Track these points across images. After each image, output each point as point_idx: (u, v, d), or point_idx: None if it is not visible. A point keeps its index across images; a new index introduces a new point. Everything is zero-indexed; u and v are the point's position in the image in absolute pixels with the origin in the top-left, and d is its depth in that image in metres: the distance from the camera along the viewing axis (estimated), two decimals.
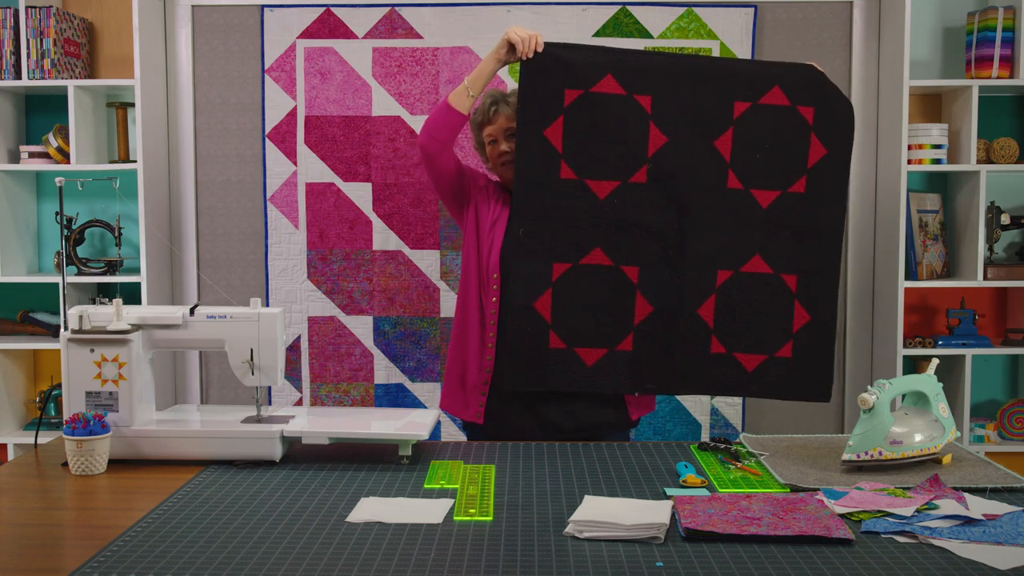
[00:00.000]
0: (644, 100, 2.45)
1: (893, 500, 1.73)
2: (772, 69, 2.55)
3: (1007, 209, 3.65)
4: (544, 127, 2.47)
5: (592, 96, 2.44)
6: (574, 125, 2.46)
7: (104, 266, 3.53)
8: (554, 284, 2.47)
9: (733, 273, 2.50)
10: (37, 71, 3.41)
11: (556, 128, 2.46)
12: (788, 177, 2.52)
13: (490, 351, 2.52)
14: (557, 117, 2.46)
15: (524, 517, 1.70)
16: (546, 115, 2.46)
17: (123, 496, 1.86)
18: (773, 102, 2.49)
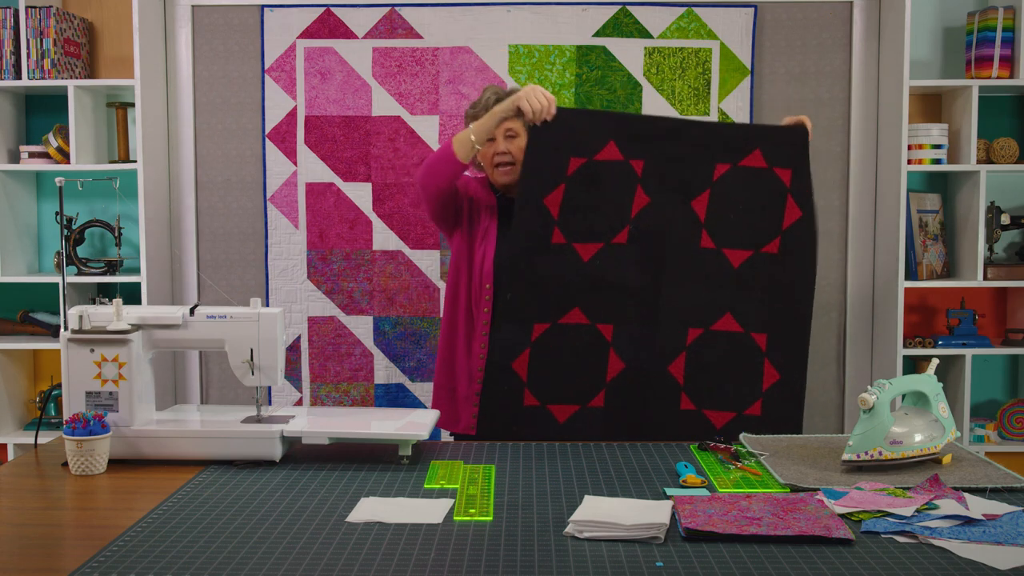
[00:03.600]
0: (637, 164, 2.47)
1: (893, 500, 1.73)
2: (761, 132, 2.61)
3: (1007, 209, 3.65)
4: (545, 195, 2.48)
5: (594, 164, 2.47)
6: (573, 192, 2.47)
7: (104, 266, 3.53)
8: (532, 344, 2.48)
9: (704, 331, 2.51)
10: (37, 71, 3.41)
11: (556, 196, 2.48)
12: (762, 237, 2.53)
13: (480, 361, 2.52)
14: (559, 185, 2.47)
15: (524, 517, 1.70)
16: (549, 183, 2.48)
17: (123, 496, 1.86)
18: (752, 164, 2.52)
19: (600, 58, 3.59)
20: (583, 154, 2.46)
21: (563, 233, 2.48)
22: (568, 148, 2.47)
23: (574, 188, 2.47)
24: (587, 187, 2.47)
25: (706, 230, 2.52)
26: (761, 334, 2.52)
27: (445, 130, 3.60)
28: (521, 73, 3.59)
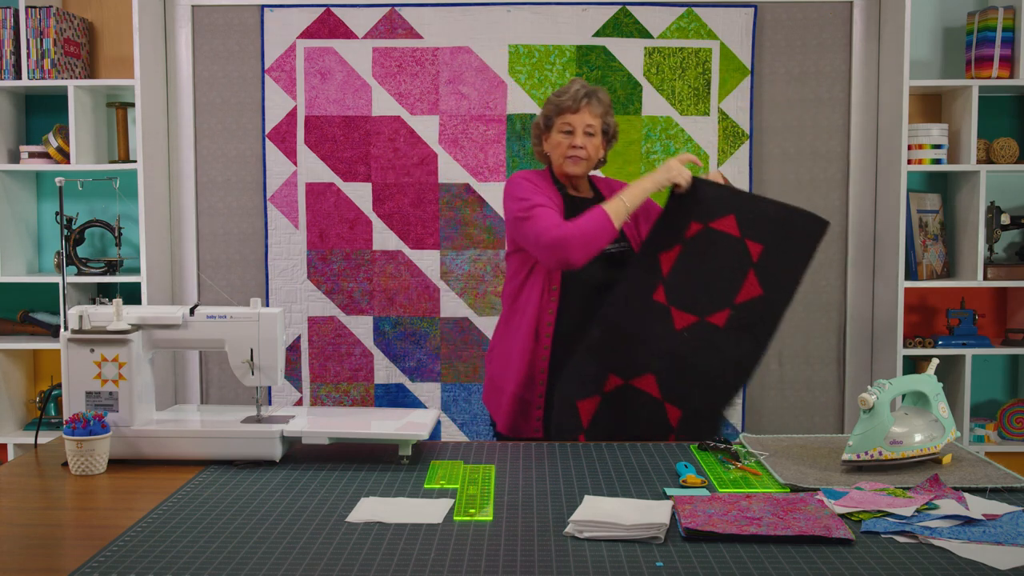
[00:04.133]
0: (754, 247, 2.40)
1: (893, 500, 1.73)
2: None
3: (1007, 209, 3.65)
4: (662, 251, 2.45)
5: (710, 231, 2.42)
6: (686, 255, 2.43)
7: (104, 266, 3.53)
8: (604, 395, 2.43)
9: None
10: (37, 71, 3.41)
11: (671, 254, 2.44)
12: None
13: (543, 363, 2.50)
14: (676, 245, 2.44)
15: (524, 517, 1.70)
16: (669, 240, 2.46)
17: (123, 496, 1.86)
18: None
19: (600, 58, 3.59)
20: (702, 220, 2.43)
21: (666, 293, 2.42)
22: (691, 214, 2.45)
23: (688, 251, 2.43)
24: (700, 253, 2.41)
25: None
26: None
27: (445, 130, 3.60)
28: (521, 73, 3.59)
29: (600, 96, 2.58)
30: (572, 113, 2.55)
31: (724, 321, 2.38)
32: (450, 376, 3.67)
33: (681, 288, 2.41)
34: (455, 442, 2.24)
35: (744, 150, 3.62)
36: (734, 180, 3.62)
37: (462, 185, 3.62)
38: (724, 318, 2.38)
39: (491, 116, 3.61)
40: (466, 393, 3.68)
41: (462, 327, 3.65)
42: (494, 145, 3.61)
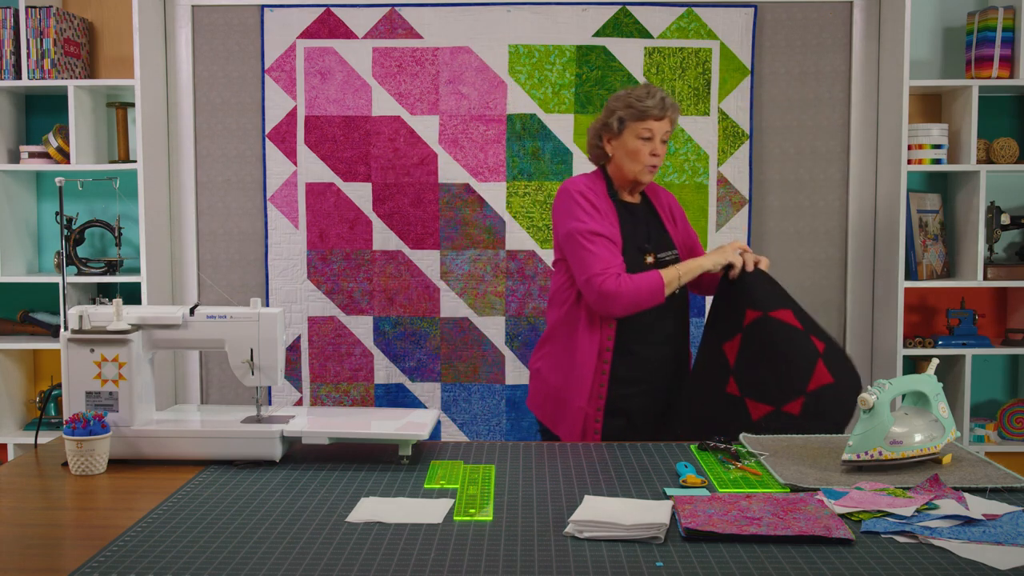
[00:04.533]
0: (818, 343, 2.41)
1: (893, 500, 1.73)
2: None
3: (1007, 209, 3.64)
4: (724, 340, 2.48)
5: (769, 320, 2.42)
6: (748, 343, 2.44)
7: (104, 266, 3.53)
8: None
9: None
10: (37, 71, 3.41)
11: (734, 344, 2.46)
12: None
13: (604, 377, 2.51)
14: (736, 334, 2.45)
15: (524, 517, 1.70)
16: (728, 330, 2.47)
17: (123, 496, 1.86)
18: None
19: (600, 58, 3.59)
20: (758, 308, 2.44)
21: (738, 385, 2.44)
22: (746, 301, 2.46)
23: (749, 339, 2.43)
24: (763, 342, 2.41)
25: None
26: None
27: (445, 130, 3.60)
28: (521, 73, 3.59)
29: (677, 106, 2.58)
30: (656, 120, 2.51)
31: (799, 409, 2.36)
32: (450, 376, 3.67)
33: (751, 378, 2.42)
34: (455, 442, 2.24)
35: (744, 150, 3.62)
36: (734, 180, 3.62)
37: (462, 185, 3.62)
38: (799, 406, 2.36)
39: (491, 116, 3.61)
40: (466, 393, 3.68)
41: (462, 327, 3.65)
42: (494, 145, 3.61)
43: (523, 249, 3.63)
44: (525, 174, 3.62)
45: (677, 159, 3.60)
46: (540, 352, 2.67)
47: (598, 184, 2.59)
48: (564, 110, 3.60)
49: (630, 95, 2.54)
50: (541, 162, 3.61)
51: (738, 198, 3.63)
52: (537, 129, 3.60)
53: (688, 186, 3.59)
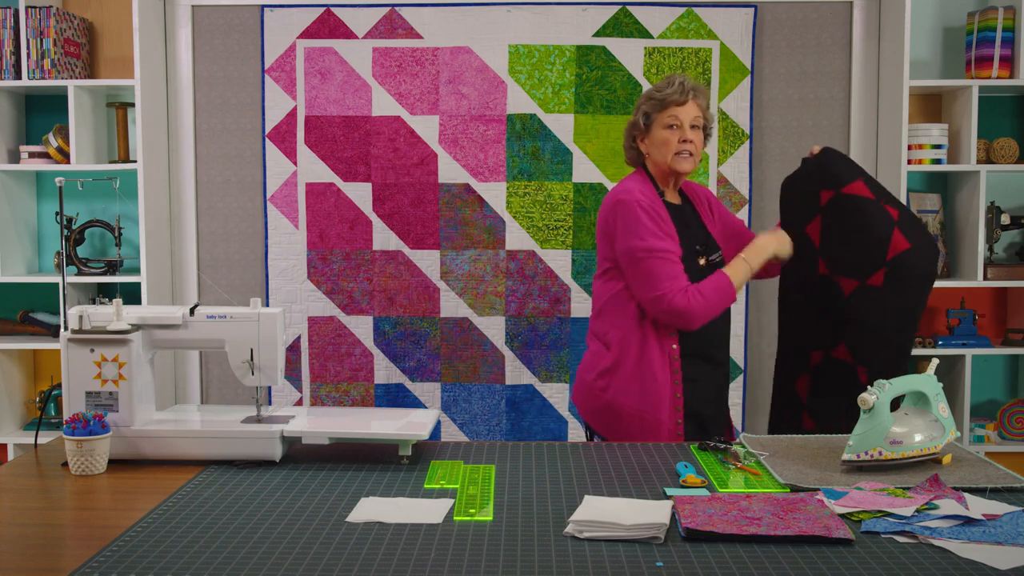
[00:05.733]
0: (892, 211, 2.46)
1: (893, 500, 1.73)
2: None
3: (1007, 209, 3.64)
4: (805, 224, 2.55)
5: (843, 196, 2.48)
6: (829, 222, 2.51)
7: (104, 266, 3.53)
8: (811, 370, 2.57)
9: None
10: (37, 71, 3.41)
11: (815, 226, 2.53)
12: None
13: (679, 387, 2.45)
14: (815, 216, 2.53)
15: (524, 517, 1.70)
16: (807, 214, 2.54)
17: (123, 496, 1.86)
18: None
19: (600, 58, 3.59)
20: (831, 186, 2.50)
21: (826, 264, 2.52)
22: (818, 182, 2.53)
23: (829, 218, 2.51)
24: (842, 218, 2.48)
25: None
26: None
27: (445, 130, 3.60)
28: (521, 73, 3.59)
29: (703, 89, 2.51)
30: (679, 106, 2.45)
31: (882, 279, 2.43)
32: (450, 376, 3.67)
33: (837, 256, 2.50)
34: (455, 442, 2.24)
35: (744, 150, 3.62)
36: (734, 180, 3.62)
37: (462, 185, 3.62)
38: (882, 276, 2.43)
39: (491, 116, 3.61)
40: (466, 393, 3.68)
41: (462, 327, 3.65)
42: (494, 145, 3.61)
43: (523, 249, 3.63)
44: (525, 174, 3.62)
45: None
46: (605, 382, 2.50)
47: (648, 188, 2.50)
48: (564, 110, 3.60)
49: (651, 88, 2.54)
50: (541, 162, 3.61)
51: (738, 198, 3.63)
52: (537, 129, 3.60)
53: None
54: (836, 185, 2.49)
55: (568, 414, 3.67)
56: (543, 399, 3.67)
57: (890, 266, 2.42)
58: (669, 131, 2.47)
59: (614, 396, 2.47)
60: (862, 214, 2.45)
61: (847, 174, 2.51)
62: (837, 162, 2.54)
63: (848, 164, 2.55)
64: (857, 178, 2.50)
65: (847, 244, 2.48)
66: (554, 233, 3.63)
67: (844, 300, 2.47)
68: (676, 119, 2.46)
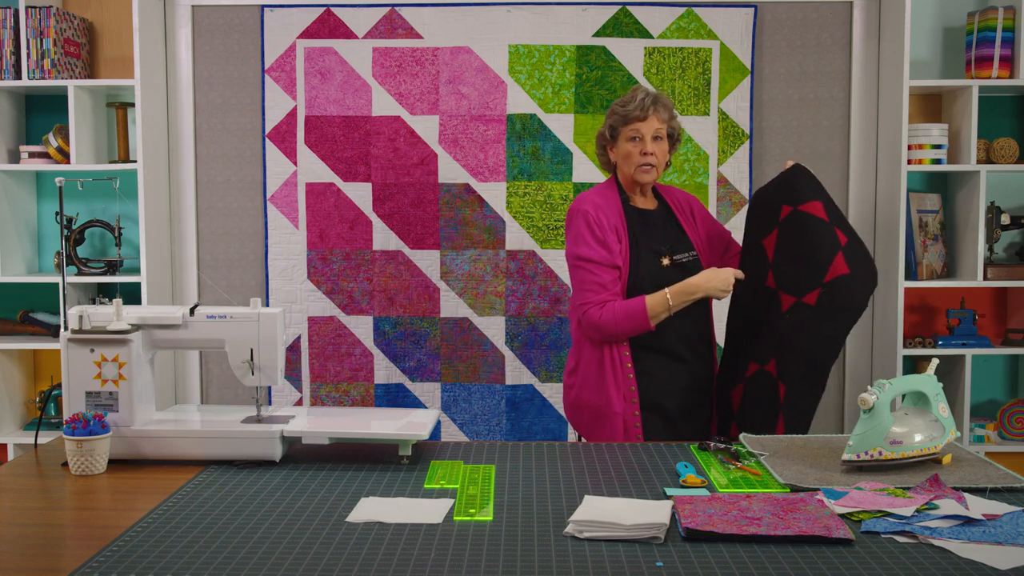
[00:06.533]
0: (841, 236, 2.47)
1: (893, 500, 1.73)
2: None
3: (1007, 209, 3.64)
4: (763, 237, 2.58)
5: (799, 213, 2.51)
6: (782, 237, 2.54)
7: (104, 266, 3.53)
8: (746, 380, 2.58)
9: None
10: (37, 71, 3.41)
11: (771, 239, 2.56)
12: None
13: (632, 381, 2.54)
14: (773, 229, 2.56)
15: (524, 517, 1.70)
16: (766, 226, 2.58)
17: (123, 496, 1.86)
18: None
19: (600, 58, 3.59)
20: (791, 203, 2.54)
21: (775, 278, 2.54)
22: (782, 196, 2.57)
23: (783, 232, 2.53)
24: (793, 234, 2.51)
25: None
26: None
27: (445, 130, 3.60)
28: (521, 73, 3.59)
29: (664, 101, 2.61)
30: (640, 121, 2.57)
31: (815, 299, 2.45)
32: (450, 376, 3.67)
33: (784, 271, 2.53)
34: (455, 442, 2.24)
35: (744, 150, 3.62)
36: (734, 180, 3.62)
37: (462, 185, 3.62)
38: (815, 297, 2.45)
39: (491, 116, 3.61)
40: (466, 393, 3.68)
41: (462, 327, 3.65)
42: (494, 145, 3.61)
43: (523, 249, 3.63)
44: (525, 174, 3.62)
45: (677, 159, 3.60)
46: (572, 380, 2.67)
47: (610, 193, 2.65)
48: (564, 110, 3.60)
49: (617, 102, 2.64)
50: (541, 162, 3.61)
51: (738, 198, 3.63)
52: (537, 129, 3.60)
53: (688, 186, 3.59)
54: (795, 202, 2.52)
55: None
56: (543, 399, 3.67)
57: (825, 288, 2.42)
58: (632, 143, 2.59)
59: (578, 393, 2.62)
60: (812, 233, 2.47)
61: (808, 193, 2.52)
62: (801, 180, 2.55)
63: (812, 184, 2.55)
64: (817, 198, 2.51)
65: (793, 260, 2.50)
66: (554, 233, 3.63)
67: (780, 315, 2.49)
68: (638, 132, 2.57)
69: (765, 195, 2.64)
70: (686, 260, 2.62)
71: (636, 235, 2.59)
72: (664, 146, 2.61)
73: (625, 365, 2.54)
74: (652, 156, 2.57)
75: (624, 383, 2.54)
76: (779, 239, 2.54)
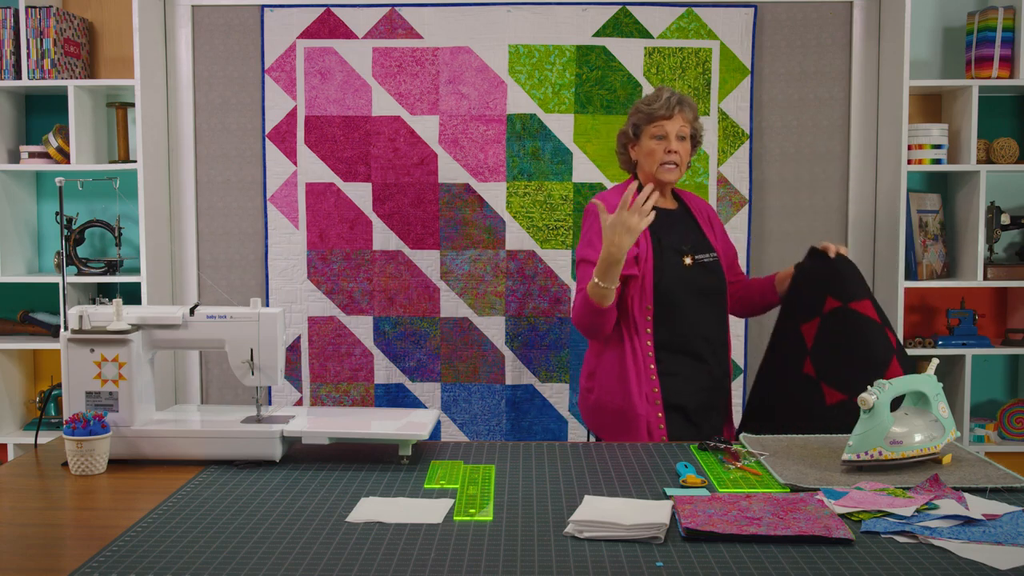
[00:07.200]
0: (892, 338, 2.44)
1: (893, 500, 1.73)
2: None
3: (1007, 209, 3.65)
4: (802, 321, 2.52)
5: (850, 311, 2.46)
6: (827, 329, 2.47)
7: (104, 266, 3.53)
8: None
9: None
10: (37, 71, 3.41)
11: (812, 327, 2.49)
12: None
13: (655, 382, 2.51)
14: (815, 318, 2.49)
15: (524, 517, 1.70)
16: (806, 312, 2.51)
17: (123, 496, 1.86)
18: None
19: (600, 58, 3.59)
20: (840, 298, 2.47)
21: (814, 366, 2.48)
22: (827, 288, 2.49)
23: (828, 326, 2.47)
24: (842, 332, 2.45)
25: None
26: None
27: (445, 130, 3.60)
28: (521, 73, 3.59)
29: (690, 102, 2.61)
30: (666, 119, 2.56)
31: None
32: (450, 376, 3.67)
33: (828, 364, 2.45)
34: (455, 442, 2.24)
35: (744, 150, 3.62)
36: (734, 180, 3.62)
37: (462, 185, 3.62)
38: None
39: (491, 116, 3.61)
40: (466, 393, 3.67)
41: (462, 327, 3.65)
42: (494, 145, 3.61)
43: (523, 249, 3.63)
44: (525, 174, 3.62)
45: None
46: (592, 383, 2.62)
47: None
48: (564, 110, 3.60)
49: (641, 100, 2.64)
50: (541, 162, 3.61)
51: (738, 198, 3.63)
52: (537, 129, 3.60)
53: (688, 186, 3.59)
54: (844, 298, 2.46)
55: (568, 414, 3.67)
56: (543, 399, 3.67)
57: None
58: (656, 142, 2.58)
59: (599, 395, 2.59)
60: (866, 334, 2.42)
61: (858, 291, 2.48)
62: (850, 274, 2.50)
63: (859, 280, 2.51)
64: (866, 296, 2.47)
65: (842, 358, 2.44)
66: (554, 233, 3.63)
67: (826, 408, 2.42)
68: (663, 130, 2.57)
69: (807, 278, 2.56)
70: (708, 260, 2.60)
71: (658, 234, 2.57)
72: (687, 146, 2.61)
73: (648, 366, 2.52)
74: (676, 155, 2.56)
75: (647, 384, 2.52)
76: (822, 330, 2.48)
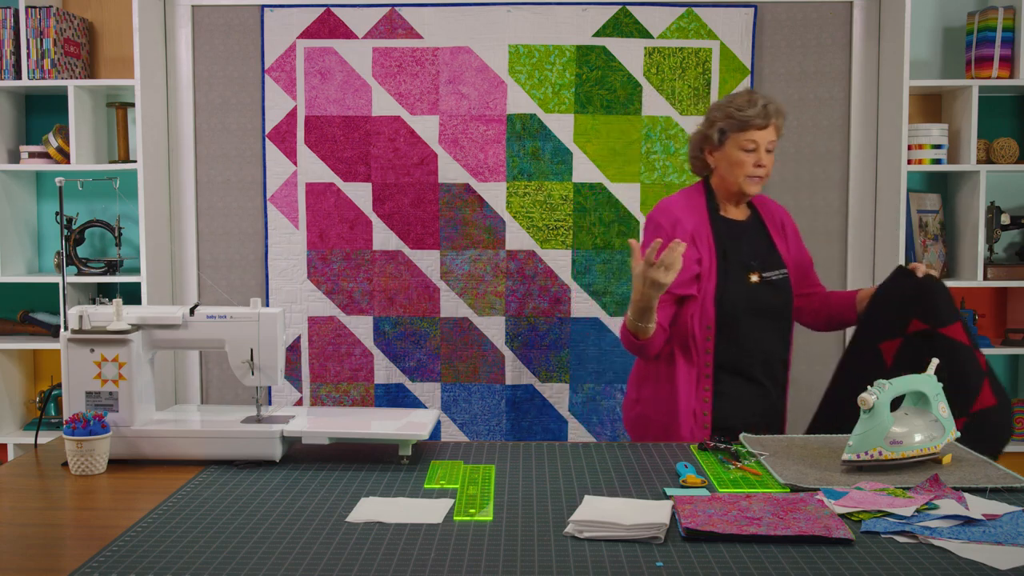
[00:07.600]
0: (982, 360, 2.36)
1: (893, 500, 1.73)
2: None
3: (1007, 209, 3.64)
4: (883, 340, 2.42)
5: (940, 336, 2.35)
6: (909, 351, 2.38)
7: (104, 266, 3.53)
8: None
9: None
10: (37, 71, 3.41)
11: (892, 346, 2.40)
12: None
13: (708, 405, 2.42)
14: (898, 338, 2.40)
15: (524, 517, 1.70)
16: (888, 332, 2.42)
17: (123, 496, 1.86)
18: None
19: (600, 58, 3.59)
20: (928, 322, 2.37)
21: None
22: (912, 309, 2.39)
23: (911, 347, 2.38)
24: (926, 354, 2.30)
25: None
26: None
27: (445, 130, 3.60)
28: (521, 73, 3.59)
29: (783, 110, 2.45)
30: (759, 129, 2.39)
31: (961, 427, 2.25)
32: (450, 376, 3.67)
33: None
34: (455, 442, 2.24)
35: None
36: None
37: (462, 185, 3.62)
38: (961, 425, 2.26)
39: (491, 116, 3.61)
40: (466, 393, 3.68)
41: (462, 327, 3.65)
42: (494, 145, 3.61)
43: (523, 249, 3.64)
44: (525, 174, 3.62)
45: (677, 159, 3.60)
46: (638, 394, 2.54)
47: (697, 200, 2.49)
48: (564, 110, 3.60)
49: (731, 104, 2.43)
50: (541, 162, 3.61)
51: None
52: (537, 129, 3.61)
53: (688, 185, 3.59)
54: (934, 323, 2.36)
55: (568, 414, 3.67)
56: (543, 399, 3.67)
57: (972, 417, 2.30)
58: (745, 154, 2.41)
59: (644, 408, 2.51)
60: (957, 359, 2.32)
61: (949, 315, 2.37)
62: (941, 298, 2.39)
63: (949, 301, 2.40)
64: (956, 320, 2.37)
65: None
66: (554, 233, 3.63)
67: None
68: (754, 143, 2.40)
69: (891, 296, 2.46)
70: (776, 278, 2.47)
71: (724, 247, 2.43)
72: (773, 157, 2.45)
73: (703, 388, 2.42)
74: (764, 168, 2.41)
75: (699, 405, 2.42)
76: (903, 351, 2.38)
